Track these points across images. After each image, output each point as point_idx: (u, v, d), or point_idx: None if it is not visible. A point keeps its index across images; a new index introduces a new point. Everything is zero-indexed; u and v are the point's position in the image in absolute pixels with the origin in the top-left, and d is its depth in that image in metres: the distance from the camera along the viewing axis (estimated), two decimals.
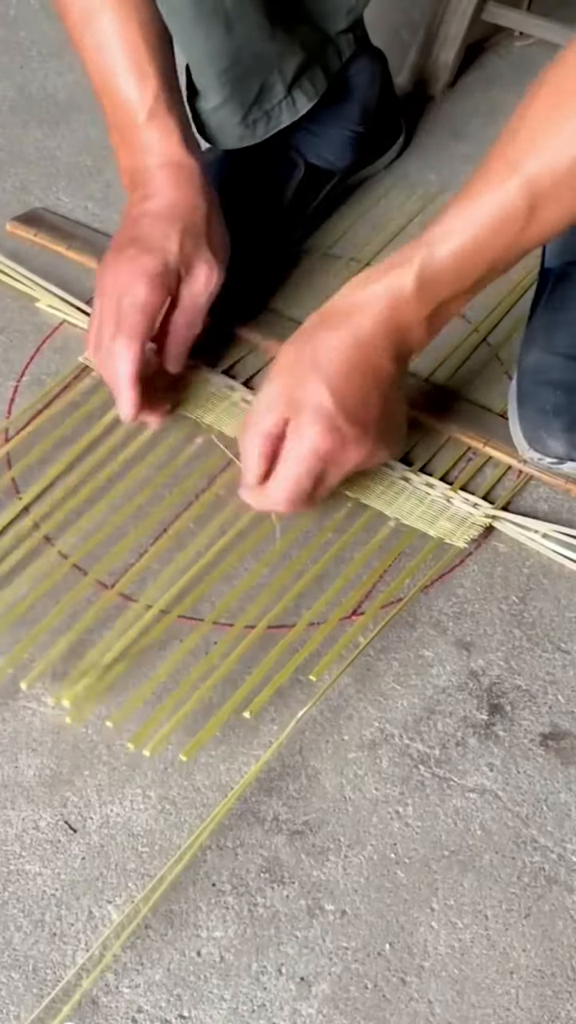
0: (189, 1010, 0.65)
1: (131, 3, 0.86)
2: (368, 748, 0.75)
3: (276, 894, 0.69)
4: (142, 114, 0.88)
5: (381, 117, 1.12)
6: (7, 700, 0.77)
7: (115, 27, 0.86)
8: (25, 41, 1.33)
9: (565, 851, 0.71)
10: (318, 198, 1.07)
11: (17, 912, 0.68)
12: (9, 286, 1.03)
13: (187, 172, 0.88)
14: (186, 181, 0.88)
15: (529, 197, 0.70)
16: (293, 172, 1.05)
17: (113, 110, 0.89)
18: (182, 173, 0.88)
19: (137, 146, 0.89)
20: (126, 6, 0.86)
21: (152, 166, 0.88)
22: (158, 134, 0.88)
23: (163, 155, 0.88)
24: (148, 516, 0.86)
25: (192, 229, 0.86)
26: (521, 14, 1.26)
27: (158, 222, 0.86)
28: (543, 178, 0.70)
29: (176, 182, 0.88)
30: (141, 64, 0.87)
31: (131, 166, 0.90)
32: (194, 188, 0.88)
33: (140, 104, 0.88)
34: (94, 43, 0.88)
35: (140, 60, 0.87)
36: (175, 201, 0.87)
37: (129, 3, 0.86)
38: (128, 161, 0.90)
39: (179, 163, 0.88)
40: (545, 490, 0.90)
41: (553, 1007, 0.66)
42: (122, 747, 0.74)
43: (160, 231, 0.86)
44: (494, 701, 0.78)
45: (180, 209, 0.87)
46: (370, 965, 0.67)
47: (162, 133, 0.88)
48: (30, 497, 0.87)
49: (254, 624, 0.80)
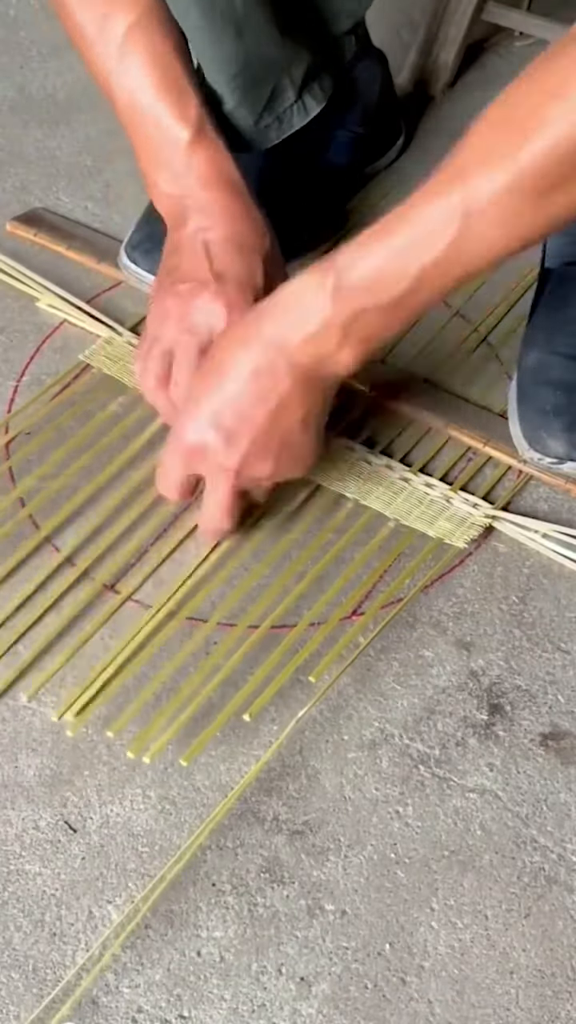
0: (189, 1010, 0.65)
1: (158, 21, 0.83)
2: (368, 748, 0.75)
3: (276, 894, 0.69)
4: (186, 135, 0.83)
5: (381, 118, 1.12)
6: (7, 700, 0.77)
7: (148, 47, 0.83)
8: (25, 41, 1.33)
9: (565, 851, 0.71)
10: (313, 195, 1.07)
11: (17, 912, 0.68)
12: (9, 285, 1.03)
13: (240, 192, 0.84)
14: (242, 203, 0.84)
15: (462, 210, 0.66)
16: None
17: (152, 135, 0.85)
18: (236, 194, 0.84)
19: (182, 171, 0.84)
20: (155, 24, 0.83)
21: (201, 189, 0.84)
22: (207, 156, 0.84)
23: (212, 176, 0.84)
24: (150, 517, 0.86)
25: (267, 256, 0.83)
26: (521, 14, 1.26)
27: (236, 253, 0.82)
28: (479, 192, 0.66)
29: (233, 206, 0.84)
30: (180, 83, 0.83)
31: (175, 191, 0.85)
32: (252, 209, 0.84)
33: (183, 126, 0.83)
34: (125, 67, 0.83)
35: (178, 79, 0.83)
36: (241, 228, 0.83)
37: (156, 22, 0.83)
38: (171, 187, 0.85)
39: (230, 182, 0.84)
40: (545, 490, 0.90)
41: (553, 1007, 0.66)
42: (122, 747, 0.74)
43: (242, 262, 0.82)
44: (494, 701, 0.78)
45: (249, 236, 0.83)
46: (370, 965, 0.67)
47: (211, 154, 0.84)
48: (29, 497, 0.87)
49: (256, 624, 0.80)
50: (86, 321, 0.99)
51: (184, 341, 0.80)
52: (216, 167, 0.83)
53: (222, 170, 0.84)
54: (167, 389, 0.82)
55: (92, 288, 1.04)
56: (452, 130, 1.22)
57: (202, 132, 0.83)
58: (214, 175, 0.83)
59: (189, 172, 0.83)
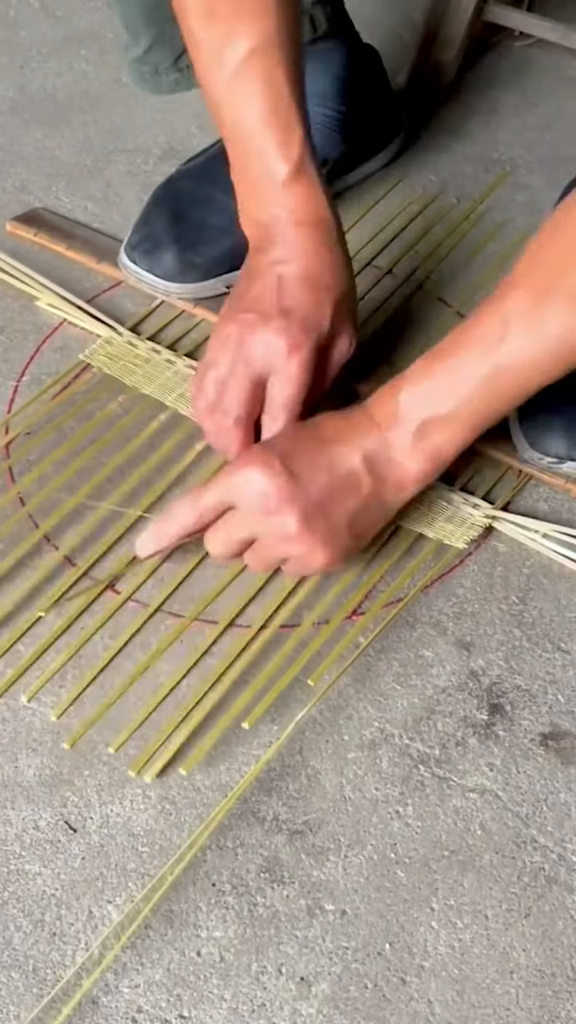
0: (189, 1010, 0.65)
1: (279, 49, 0.80)
2: (368, 748, 0.75)
3: (276, 894, 0.69)
4: (285, 169, 0.82)
5: (374, 107, 1.12)
6: (7, 700, 0.77)
7: (263, 75, 0.80)
8: (25, 41, 1.33)
9: (565, 851, 0.71)
10: None
11: (17, 912, 0.68)
12: (9, 285, 1.03)
13: (328, 231, 0.83)
14: (328, 242, 0.83)
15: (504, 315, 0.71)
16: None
17: (251, 161, 0.83)
18: (324, 233, 0.83)
19: (275, 201, 0.83)
20: (275, 52, 0.80)
21: (288, 222, 0.82)
22: (302, 192, 0.82)
23: (304, 213, 0.82)
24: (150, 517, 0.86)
25: (340, 299, 0.82)
26: (521, 14, 1.26)
27: (308, 291, 0.81)
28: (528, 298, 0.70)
29: (318, 244, 0.82)
30: (288, 116, 0.81)
31: (263, 220, 0.84)
32: (336, 250, 0.83)
33: (284, 159, 0.81)
34: (237, 89, 0.81)
35: (287, 113, 0.81)
36: (320, 267, 0.82)
37: (277, 50, 0.80)
38: (260, 214, 0.84)
39: (321, 221, 0.83)
40: (545, 490, 0.90)
41: (553, 1007, 0.66)
42: (122, 748, 0.74)
43: (312, 301, 0.81)
44: (494, 701, 0.78)
45: (327, 276, 0.82)
46: (370, 965, 0.67)
47: (306, 190, 0.82)
48: (28, 496, 0.87)
49: (261, 626, 0.80)
50: (86, 321, 0.99)
51: (239, 371, 0.80)
52: (309, 206, 0.82)
53: (314, 209, 0.82)
54: (218, 415, 0.81)
55: (92, 288, 1.04)
56: (452, 130, 1.23)
57: (301, 170, 0.82)
58: (305, 213, 0.82)
59: (281, 205, 0.82)
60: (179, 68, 0.98)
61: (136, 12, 0.94)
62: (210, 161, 1.06)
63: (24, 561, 0.83)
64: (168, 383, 0.95)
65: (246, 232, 0.86)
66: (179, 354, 0.97)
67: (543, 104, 1.27)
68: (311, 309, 0.80)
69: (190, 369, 0.96)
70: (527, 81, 1.30)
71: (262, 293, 0.81)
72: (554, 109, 1.26)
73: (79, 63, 1.30)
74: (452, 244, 1.09)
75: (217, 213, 1.02)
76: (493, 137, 1.22)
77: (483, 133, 1.22)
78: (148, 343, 0.98)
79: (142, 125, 1.22)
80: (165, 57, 0.97)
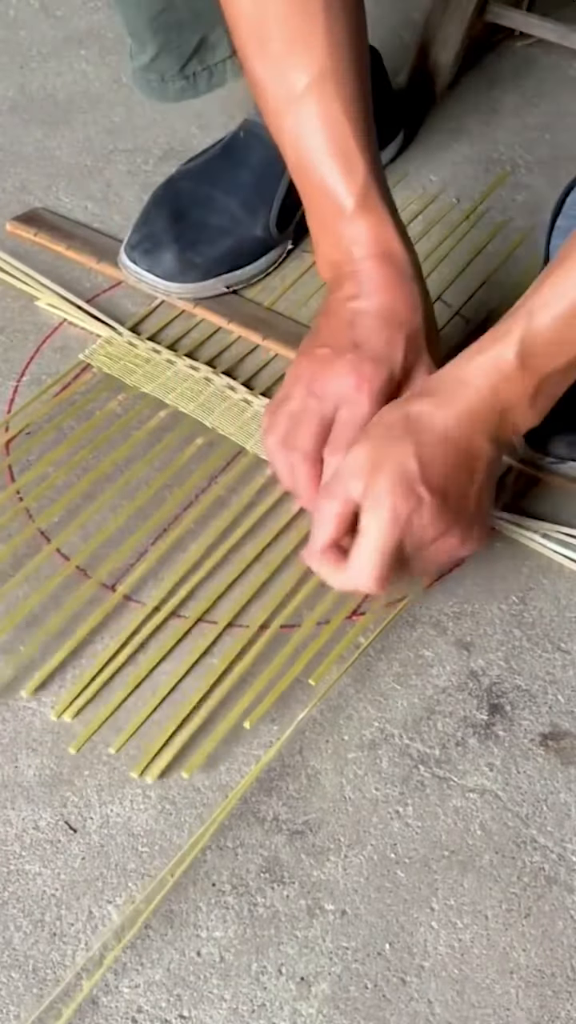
0: (189, 1010, 0.65)
1: (335, 82, 0.79)
2: (368, 748, 0.75)
3: (276, 894, 0.69)
4: (350, 203, 0.80)
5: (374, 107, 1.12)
6: (7, 700, 0.77)
7: (319, 109, 0.79)
8: (25, 41, 1.33)
9: (565, 851, 0.71)
10: None
11: (17, 912, 0.68)
12: (9, 285, 1.03)
13: (400, 265, 0.81)
14: (401, 276, 0.81)
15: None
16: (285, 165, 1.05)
17: (318, 199, 0.81)
18: (395, 267, 0.81)
19: (344, 237, 0.81)
20: (331, 86, 0.79)
21: (360, 258, 0.81)
22: (369, 225, 0.80)
23: (373, 247, 0.81)
24: (149, 516, 0.86)
25: (414, 334, 0.80)
26: (521, 14, 1.26)
27: (380, 327, 0.79)
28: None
29: (390, 278, 0.80)
30: (348, 148, 0.79)
31: (336, 258, 0.82)
32: (410, 284, 0.81)
33: (348, 193, 0.80)
34: (296, 127, 0.80)
35: (347, 143, 0.79)
36: (393, 302, 0.80)
37: (333, 82, 0.79)
38: (332, 253, 0.82)
39: (391, 254, 0.81)
40: (545, 490, 0.90)
41: (553, 1007, 0.66)
42: (122, 748, 0.74)
43: (384, 337, 0.79)
44: (494, 701, 0.78)
45: (400, 312, 0.80)
46: (370, 965, 0.67)
47: (373, 223, 0.80)
48: (30, 498, 0.87)
49: (261, 625, 0.80)
50: (86, 321, 0.99)
51: (310, 406, 0.78)
52: (376, 238, 0.81)
53: (382, 241, 0.81)
54: (287, 450, 0.80)
55: (92, 288, 1.04)
56: (452, 130, 1.23)
57: (367, 201, 0.80)
58: (373, 246, 0.81)
59: (350, 240, 0.81)
60: (185, 76, 0.98)
61: (141, 20, 0.94)
62: (210, 161, 1.06)
63: (25, 562, 0.83)
64: (168, 382, 0.95)
65: (322, 273, 0.84)
66: (179, 354, 0.97)
67: (543, 104, 1.27)
68: (383, 344, 0.79)
69: (190, 369, 0.96)
70: (527, 81, 1.30)
71: (336, 330, 0.80)
72: (554, 109, 1.26)
73: (79, 63, 1.30)
74: (452, 244, 1.08)
75: (217, 213, 1.02)
76: (493, 137, 1.22)
77: (483, 133, 1.22)
78: (148, 343, 0.98)
79: (142, 125, 1.22)
80: (171, 65, 0.97)
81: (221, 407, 0.93)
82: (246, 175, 1.04)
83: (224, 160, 1.06)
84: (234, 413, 0.93)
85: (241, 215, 1.03)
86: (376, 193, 0.80)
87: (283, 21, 0.77)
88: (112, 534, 0.85)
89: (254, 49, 0.80)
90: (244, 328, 1.00)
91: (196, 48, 0.97)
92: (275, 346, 0.99)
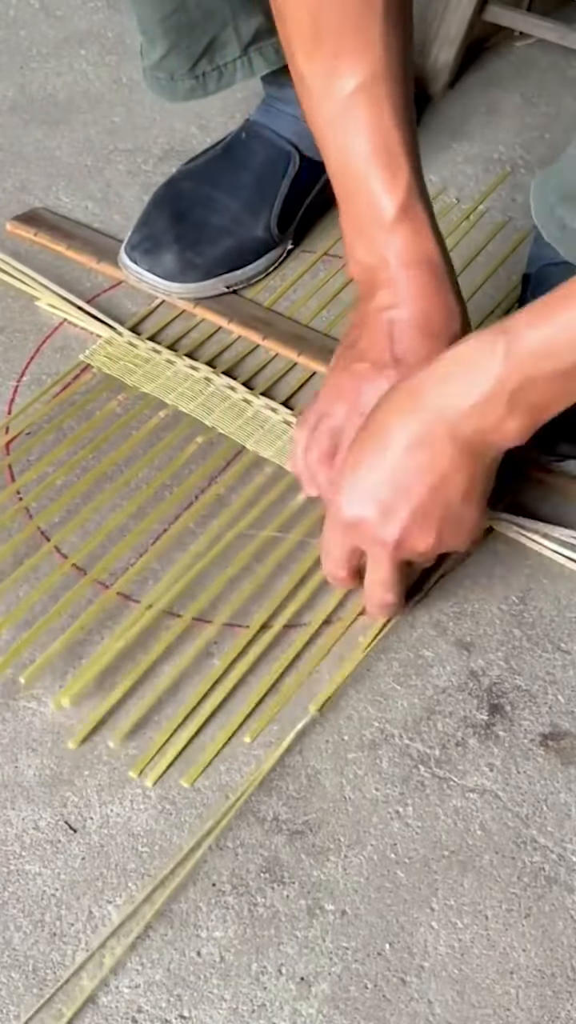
0: (189, 1010, 0.65)
1: (387, 87, 0.77)
2: (368, 748, 0.75)
3: (276, 894, 0.69)
4: (392, 210, 0.78)
5: None
6: (7, 700, 0.77)
7: (369, 112, 0.77)
8: (25, 41, 1.33)
9: (565, 851, 0.71)
10: (312, 192, 1.07)
11: (17, 912, 0.68)
12: (9, 285, 1.03)
13: (438, 273, 0.79)
14: (439, 284, 0.79)
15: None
16: (288, 165, 1.05)
17: (358, 201, 0.80)
18: (433, 275, 0.79)
19: (382, 243, 0.79)
20: (382, 89, 0.77)
21: (397, 265, 0.79)
22: (409, 232, 0.79)
23: (412, 254, 0.79)
24: (149, 516, 0.86)
25: (453, 341, 0.77)
26: (521, 14, 1.26)
27: (419, 338, 0.78)
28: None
29: (427, 287, 0.79)
30: (395, 153, 0.78)
31: (371, 263, 0.80)
32: (447, 292, 0.80)
33: (390, 199, 0.78)
34: (343, 128, 0.78)
35: (394, 148, 0.78)
36: (431, 310, 0.79)
37: (385, 87, 0.77)
38: (367, 257, 0.80)
39: (429, 262, 0.79)
40: (545, 490, 0.90)
41: (553, 1007, 0.66)
42: (122, 747, 0.74)
43: (424, 347, 0.78)
44: (494, 701, 0.78)
45: (439, 321, 0.79)
46: (370, 965, 0.67)
47: (413, 232, 0.79)
48: (29, 497, 0.87)
49: (263, 627, 0.80)
50: (86, 321, 0.99)
51: (356, 423, 0.77)
52: (416, 245, 0.79)
53: (422, 249, 0.79)
54: (329, 466, 0.79)
55: (92, 288, 1.04)
56: (452, 130, 1.23)
57: (408, 207, 0.79)
58: (413, 253, 0.79)
59: (388, 247, 0.79)
60: (195, 75, 0.98)
61: (153, 19, 0.95)
62: (211, 162, 1.06)
63: (24, 561, 0.83)
64: (168, 382, 0.95)
65: (354, 276, 0.82)
66: (179, 354, 0.97)
67: (543, 104, 1.27)
68: (424, 356, 0.77)
69: (190, 369, 0.96)
70: (527, 81, 1.30)
71: (373, 341, 0.79)
72: (554, 109, 1.26)
73: (79, 63, 1.30)
74: (452, 244, 1.08)
75: (218, 213, 1.02)
76: (493, 137, 1.22)
77: (483, 133, 1.22)
78: (148, 343, 0.98)
79: (142, 125, 1.22)
80: (181, 64, 0.97)
81: (221, 407, 0.93)
82: (247, 175, 1.04)
83: (225, 160, 1.06)
84: (234, 413, 0.93)
85: (242, 215, 1.03)
86: (418, 200, 0.79)
87: (342, 19, 0.76)
88: (112, 533, 0.85)
89: (306, 44, 0.78)
90: (244, 328, 1.00)
91: (206, 48, 0.97)
92: (275, 346, 0.99)
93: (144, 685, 0.77)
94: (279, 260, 1.06)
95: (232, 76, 1.00)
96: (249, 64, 1.00)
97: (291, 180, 1.05)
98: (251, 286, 1.05)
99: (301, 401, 0.95)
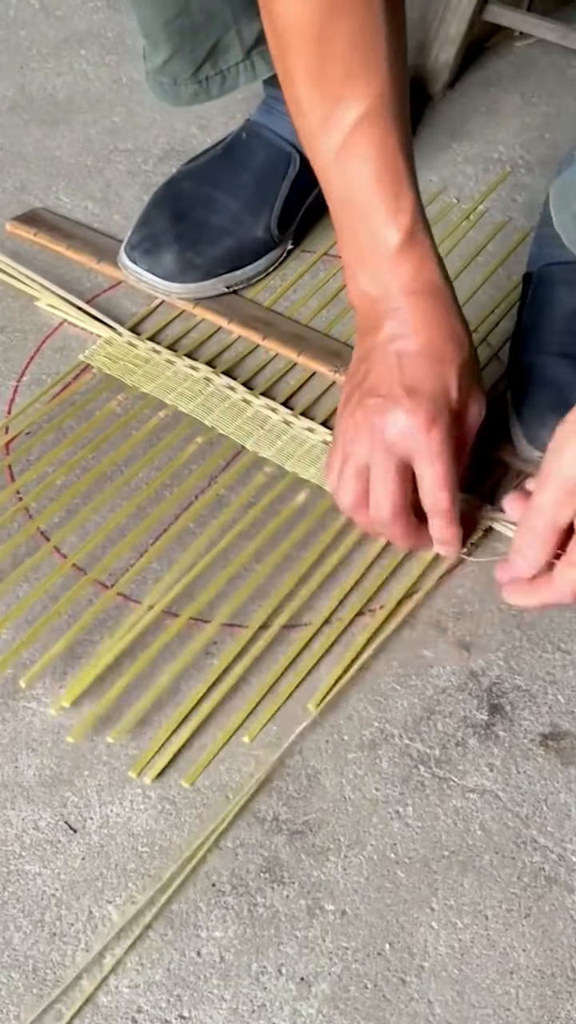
0: (189, 1010, 0.65)
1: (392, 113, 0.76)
2: (368, 748, 0.75)
3: (276, 894, 0.69)
4: (397, 237, 0.78)
5: None
6: (7, 700, 0.77)
7: (374, 139, 0.76)
8: (25, 41, 1.33)
9: (565, 851, 0.71)
10: (313, 192, 1.07)
11: (17, 912, 0.68)
12: (9, 285, 1.03)
13: (443, 299, 0.79)
14: (444, 311, 0.79)
15: None
16: (288, 165, 1.05)
17: (360, 230, 0.79)
18: (439, 302, 0.79)
19: (386, 271, 0.79)
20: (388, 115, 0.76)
21: (401, 292, 0.79)
22: (416, 260, 0.78)
23: (417, 282, 0.79)
24: (149, 515, 0.86)
25: (463, 368, 0.79)
26: (521, 14, 1.26)
27: (430, 365, 0.78)
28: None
29: (434, 314, 0.79)
30: (399, 181, 0.77)
31: (373, 293, 0.80)
32: (453, 318, 0.80)
33: (395, 227, 0.78)
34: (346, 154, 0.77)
35: (398, 179, 0.77)
36: (438, 339, 0.79)
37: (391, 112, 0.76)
38: (370, 286, 0.80)
39: (435, 289, 0.79)
40: None
41: (553, 1007, 0.66)
42: (122, 747, 0.74)
43: (436, 375, 0.78)
44: (494, 701, 0.78)
45: (446, 348, 0.79)
46: (370, 965, 0.67)
47: (419, 258, 0.78)
48: (29, 497, 0.87)
49: (263, 626, 0.80)
50: (86, 321, 0.99)
51: (381, 460, 0.76)
52: (422, 275, 0.79)
53: (427, 278, 0.79)
54: (366, 508, 0.79)
55: (92, 288, 1.04)
56: (452, 130, 1.23)
57: (413, 237, 0.78)
58: (419, 282, 0.79)
59: (393, 277, 0.79)
60: (198, 80, 0.98)
61: (156, 22, 0.95)
62: (211, 162, 1.06)
63: (23, 561, 0.83)
64: (168, 382, 0.95)
65: (354, 306, 0.82)
66: (179, 354, 0.97)
67: (543, 104, 1.27)
68: (437, 383, 0.77)
69: (190, 369, 0.96)
70: (527, 81, 1.30)
71: (382, 375, 0.78)
72: (554, 109, 1.26)
73: (79, 63, 1.30)
74: (452, 244, 1.08)
75: (218, 213, 1.02)
76: (493, 137, 1.22)
77: (483, 133, 1.22)
78: (148, 343, 0.98)
79: (142, 125, 1.22)
80: (184, 69, 0.98)
81: (221, 407, 0.93)
82: (248, 176, 1.04)
83: (225, 161, 1.06)
84: (234, 413, 0.93)
85: (242, 216, 1.03)
86: (422, 226, 0.79)
87: (348, 45, 0.74)
88: (112, 533, 0.85)
89: (309, 69, 0.76)
90: (244, 328, 1.00)
91: (209, 52, 0.97)
92: (275, 346, 0.99)
93: (144, 685, 0.77)
94: (279, 260, 1.06)
95: (235, 80, 1.00)
96: (252, 68, 1.00)
97: (291, 180, 1.05)
98: (251, 286, 1.05)
99: (301, 401, 0.95)
